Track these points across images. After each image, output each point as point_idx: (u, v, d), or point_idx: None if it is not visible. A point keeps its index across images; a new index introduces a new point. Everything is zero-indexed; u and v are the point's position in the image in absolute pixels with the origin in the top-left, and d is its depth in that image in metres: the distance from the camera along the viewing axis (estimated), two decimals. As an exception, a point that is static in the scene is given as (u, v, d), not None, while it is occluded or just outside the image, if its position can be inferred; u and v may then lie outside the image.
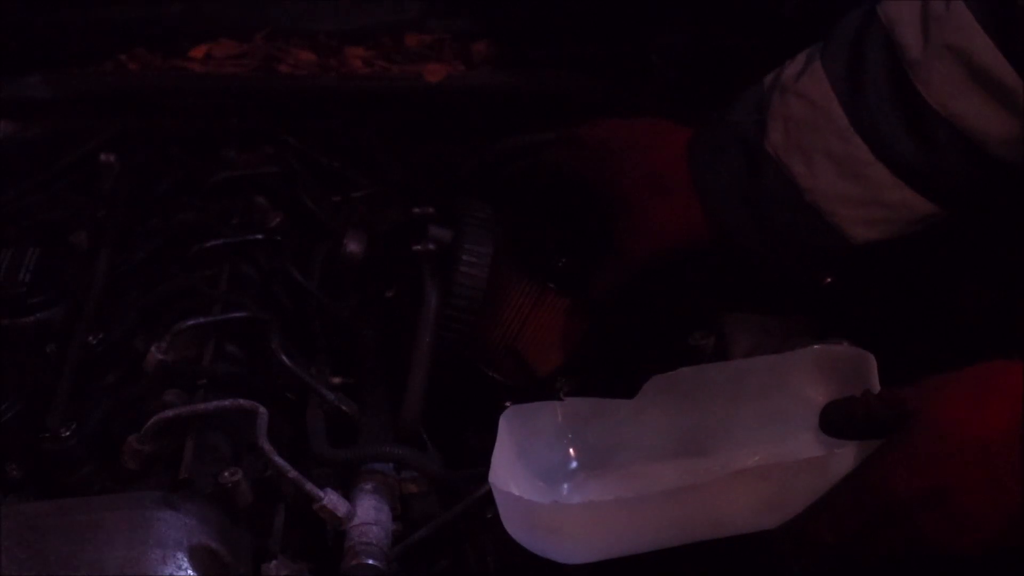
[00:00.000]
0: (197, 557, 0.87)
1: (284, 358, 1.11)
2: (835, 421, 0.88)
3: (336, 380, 1.16)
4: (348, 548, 0.96)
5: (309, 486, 0.96)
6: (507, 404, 1.14)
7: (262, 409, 1.00)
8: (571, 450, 0.99)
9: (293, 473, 0.97)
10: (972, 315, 1.08)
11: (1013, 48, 0.95)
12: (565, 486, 0.98)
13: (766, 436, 0.98)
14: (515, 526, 0.89)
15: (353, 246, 1.24)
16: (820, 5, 1.17)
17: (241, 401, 1.01)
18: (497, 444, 0.93)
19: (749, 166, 1.06)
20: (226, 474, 0.97)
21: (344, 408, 1.10)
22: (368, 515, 0.98)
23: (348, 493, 1.00)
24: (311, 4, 1.58)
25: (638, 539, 0.88)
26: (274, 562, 0.94)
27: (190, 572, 0.86)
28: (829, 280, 1.14)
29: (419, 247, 1.14)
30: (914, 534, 0.83)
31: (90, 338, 1.12)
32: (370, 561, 0.95)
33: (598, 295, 1.14)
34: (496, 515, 0.90)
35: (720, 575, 0.95)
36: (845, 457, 0.86)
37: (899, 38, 0.99)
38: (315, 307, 1.24)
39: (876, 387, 0.90)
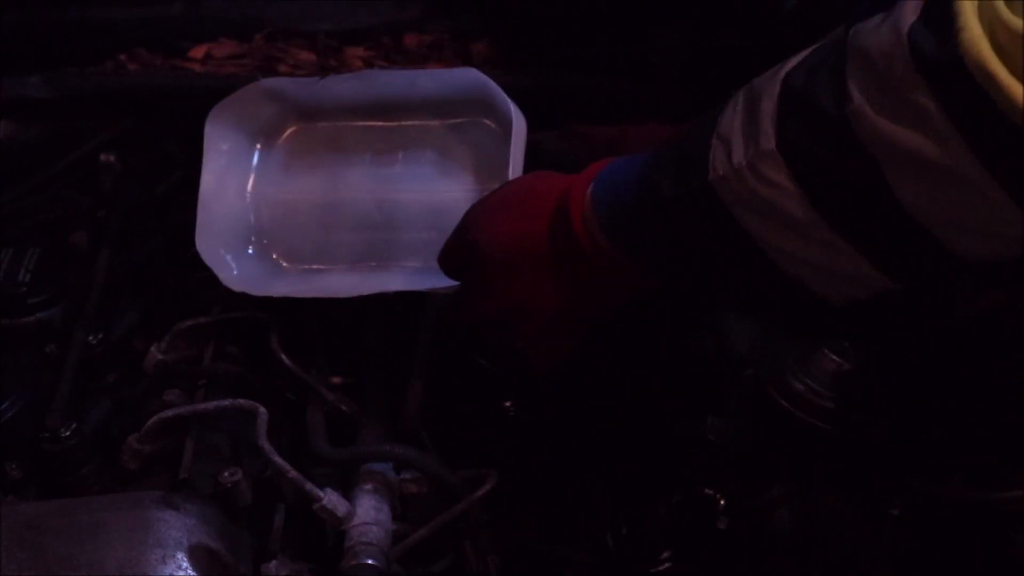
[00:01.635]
0: (197, 557, 0.87)
1: (284, 358, 1.11)
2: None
3: (336, 380, 1.16)
4: (348, 548, 0.96)
5: (309, 486, 0.97)
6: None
7: (262, 409, 1.00)
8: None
9: (293, 473, 0.97)
10: (972, 315, 1.08)
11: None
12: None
13: None
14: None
15: (353, 246, 1.24)
16: (820, 4, 1.17)
17: (241, 401, 1.02)
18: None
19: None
20: (226, 474, 0.97)
21: (344, 408, 1.10)
22: (368, 515, 0.98)
23: (348, 493, 1.00)
24: (311, 4, 1.58)
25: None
26: (274, 562, 0.94)
27: (190, 572, 0.86)
28: None
29: None
30: (516, 336, 0.99)
31: (90, 338, 1.12)
32: (370, 561, 0.95)
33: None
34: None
35: None
36: None
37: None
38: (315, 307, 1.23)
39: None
